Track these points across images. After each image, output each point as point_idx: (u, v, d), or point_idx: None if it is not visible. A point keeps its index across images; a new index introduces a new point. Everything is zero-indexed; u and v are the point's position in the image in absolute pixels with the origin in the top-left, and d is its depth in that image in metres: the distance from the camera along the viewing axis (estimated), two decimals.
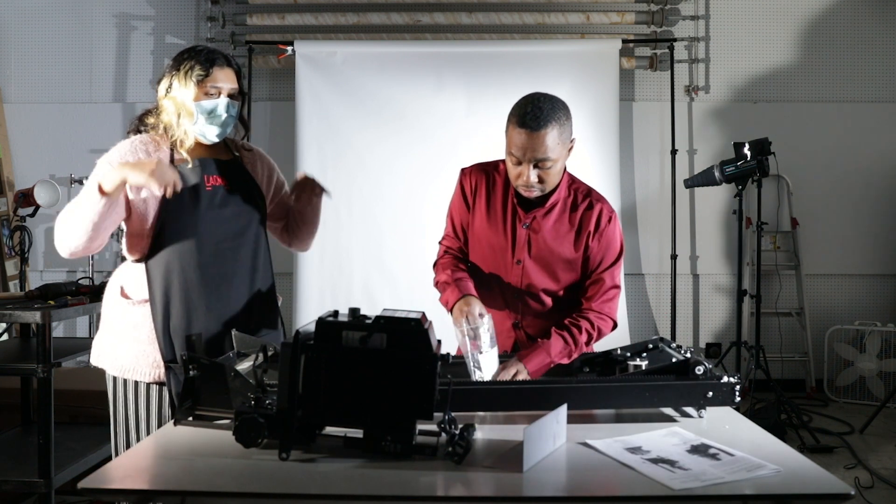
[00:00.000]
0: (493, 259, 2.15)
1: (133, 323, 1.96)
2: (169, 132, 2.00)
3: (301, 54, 4.84)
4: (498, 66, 4.81)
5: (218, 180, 2.01)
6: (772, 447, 1.50)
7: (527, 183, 1.99)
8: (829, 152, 5.11)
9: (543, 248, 2.08)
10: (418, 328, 1.42)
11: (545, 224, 2.09)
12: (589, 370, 1.96)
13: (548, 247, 2.08)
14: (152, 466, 1.40)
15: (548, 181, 2.01)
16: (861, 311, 5.07)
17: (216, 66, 1.97)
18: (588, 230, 2.08)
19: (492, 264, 2.16)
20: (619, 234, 2.14)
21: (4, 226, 4.83)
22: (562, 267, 2.10)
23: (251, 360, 1.70)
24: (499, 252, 2.13)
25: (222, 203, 1.99)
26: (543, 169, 1.98)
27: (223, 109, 1.98)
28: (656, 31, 5.06)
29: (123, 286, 2.00)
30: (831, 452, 3.78)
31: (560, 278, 2.11)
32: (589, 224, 2.09)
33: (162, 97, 2.02)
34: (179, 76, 1.97)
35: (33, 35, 5.19)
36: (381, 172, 4.79)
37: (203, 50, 1.99)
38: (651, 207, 5.13)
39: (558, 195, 2.08)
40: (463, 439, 1.39)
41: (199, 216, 1.95)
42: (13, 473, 2.50)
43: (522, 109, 1.96)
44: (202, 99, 1.96)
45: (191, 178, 1.96)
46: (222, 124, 1.99)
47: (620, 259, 2.14)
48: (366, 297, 4.59)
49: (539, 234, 2.08)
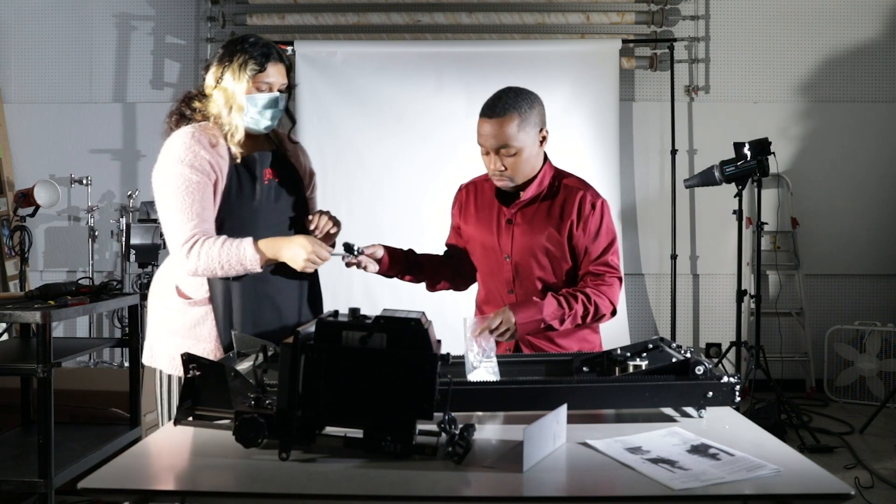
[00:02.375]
0: (488, 260, 2.21)
1: (193, 322, 1.97)
2: (218, 123, 1.99)
3: (301, 54, 4.85)
4: (498, 66, 4.80)
5: (270, 173, 2.03)
6: (772, 447, 1.50)
7: (494, 170, 2.08)
8: (829, 152, 5.11)
9: (527, 239, 2.13)
10: (418, 328, 1.42)
11: (525, 216, 2.14)
12: (589, 370, 1.96)
13: (531, 239, 2.12)
14: (152, 466, 1.40)
15: (515, 169, 2.08)
16: (861, 311, 5.07)
17: (270, 62, 1.98)
18: (571, 219, 2.11)
19: (487, 265, 2.22)
20: (608, 219, 2.15)
21: (4, 226, 4.83)
22: (548, 256, 2.13)
23: (251, 360, 1.70)
24: (490, 252, 2.19)
25: (276, 196, 2.03)
26: (508, 156, 2.05)
27: (273, 104, 1.99)
28: (656, 31, 5.06)
29: (179, 286, 2.00)
30: (831, 452, 3.77)
31: (550, 268, 2.14)
32: (571, 212, 2.11)
33: (212, 87, 2.00)
34: (233, 68, 1.96)
35: (33, 35, 5.19)
36: (381, 172, 4.79)
37: (257, 43, 1.99)
38: (651, 207, 5.13)
39: (537, 188, 2.13)
40: (463, 439, 1.38)
41: (257, 210, 1.99)
42: (13, 473, 2.49)
43: (487, 102, 2.07)
44: (253, 93, 1.96)
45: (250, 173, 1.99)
46: (271, 118, 2.01)
47: (614, 245, 2.15)
48: (366, 297, 4.59)
49: (521, 227, 2.13)
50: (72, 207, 5.12)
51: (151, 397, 2.15)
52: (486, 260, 2.21)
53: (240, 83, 1.95)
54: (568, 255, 2.13)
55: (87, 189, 4.74)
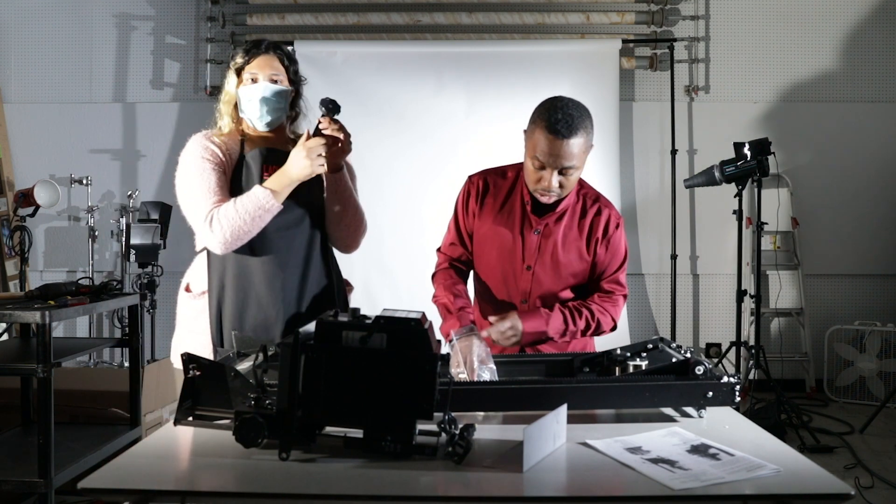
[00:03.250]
0: (502, 265, 2.14)
1: (193, 314, 2.03)
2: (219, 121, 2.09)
3: (301, 54, 4.83)
4: (498, 66, 4.81)
5: (275, 170, 2.02)
6: (772, 447, 1.50)
7: (548, 188, 1.97)
8: (829, 152, 5.11)
9: (554, 253, 2.09)
10: (418, 328, 1.42)
11: (556, 230, 2.09)
12: (589, 370, 1.95)
13: (558, 252, 2.09)
14: (152, 466, 1.40)
15: (567, 187, 2.01)
16: (861, 311, 5.07)
17: (252, 53, 2.04)
18: (597, 236, 2.09)
19: (500, 270, 2.15)
20: (625, 240, 2.16)
21: (4, 226, 4.83)
22: (571, 272, 2.11)
23: (251, 360, 1.70)
24: (507, 258, 2.12)
25: None
26: (566, 176, 1.97)
27: (258, 92, 2.02)
28: (656, 31, 5.06)
29: (189, 282, 2.08)
30: (831, 452, 3.77)
31: (569, 283, 2.13)
32: (597, 230, 2.10)
33: None
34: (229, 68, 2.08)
35: (33, 35, 5.19)
36: (381, 172, 4.79)
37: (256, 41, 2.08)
38: (651, 207, 5.13)
39: (569, 201, 2.09)
40: (463, 439, 1.38)
41: None
42: (13, 473, 2.49)
43: (552, 115, 1.92)
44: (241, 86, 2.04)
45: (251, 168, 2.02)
46: (266, 111, 2.03)
47: (625, 264, 2.16)
48: (366, 297, 4.59)
49: (550, 240, 2.09)
50: (72, 207, 5.12)
51: (152, 397, 2.17)
52: (499, 265, 2.14)
53: (231, 78, 2.06)
54: (588, 271, 2.13)
55: (87, 189, 4.74)
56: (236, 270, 2.00)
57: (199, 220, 1.94)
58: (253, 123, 2.06)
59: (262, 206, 1.91)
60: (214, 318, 2.00)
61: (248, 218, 1.91)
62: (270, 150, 2.06)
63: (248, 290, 2.00)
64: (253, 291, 2.00)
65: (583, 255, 2.10)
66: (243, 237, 1.93)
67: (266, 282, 2.01)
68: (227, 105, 2.07)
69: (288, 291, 2.04)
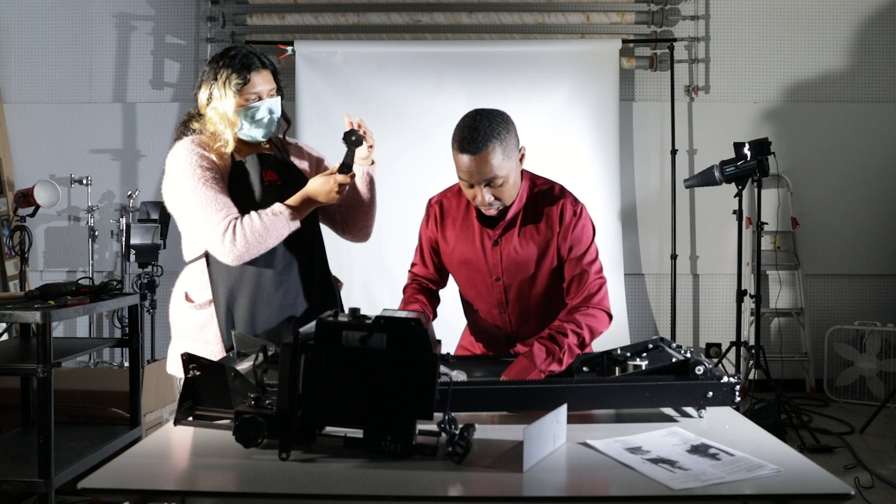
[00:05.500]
0: (473, 281, 2.15)
1: (199, 325, 2.01)
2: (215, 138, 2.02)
3: (301, 54, 4.85)
4: (498, 66, 4.80)
5: (272, 175, 2.04)
6: (772, 447, 1.50)
7: (483, 203, 1.99)
8: (829, 152, 5.11)
9: (517, 260, 2.08)
10: (418, 328, 1.42)
11: (512, 237, 2.08)
12: (589, 370, 1.95)
13: (519, 258, 2.07)
14: (152, 466, 1.40)
15: (504, 196, 2.00)
16: (861, 311, 5.07)
17: (253, 72, 1.98)
18: (555, 230, 2.07)
19: (473, 286, 2.17)
20: (589, 224, 2.10)
21: (4, 226, 4.83)
22: (540, 273, 2.09)
23: (251, 360, 1.70)
24: (476, 274, 2.13)
25: (278, 198, 2.01)
26: (496, 187, 1.97)
27: (265, 112, 2.01)
28: (656, 31, 5.06)
29: (188, 291, 2.04)
30: (831, 452, 3.77)
31: (541, 283, 2.10)
32: (554, 223, 2.07)
33: (204, 105, 2.03)
34: (218, 85, 1.98)
35: (33, 35, 5.19)
36: (381, 172, 4.70)
37: (237, 55, 1.99)
38: (651, 207, 5.13)
39: (518, 205, 2.07)
40: (463, 439, 1.38)
41: None
42: (13, 473, 2.49)
43: (461, 133, 1.96)
44: (242, 106, 1.98)
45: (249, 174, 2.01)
46: (266, 125, 2.03)
47: (593, 245, 2.10)
48: (366, 297, 4.59)
49: (509, 248, 2.07)
50: (72, 207, 5.12)
51: (152, 397, 2.16)
52: (472, 282, 2.15)
53: (227, 99, 1.97)
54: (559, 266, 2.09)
55: (87, 189, 4.74)
56: (245, 278, 1.99)
57: (208, 230, 1.91)
58: (254, 137, 2.04)
59: (288, 225, 1.95)
60: (225, 327, 1.98)
61: (275, 235, 1.93)
62: (263, 155, 2.06)
63: (257, 297, 2.00)
64: (263, 297, 2.00)
65: (547, 253, 2.07)
66: (261, 251, 1.94)
67: (275, 287, 2.01)
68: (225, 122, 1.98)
69: (297, 295, 2.05)
